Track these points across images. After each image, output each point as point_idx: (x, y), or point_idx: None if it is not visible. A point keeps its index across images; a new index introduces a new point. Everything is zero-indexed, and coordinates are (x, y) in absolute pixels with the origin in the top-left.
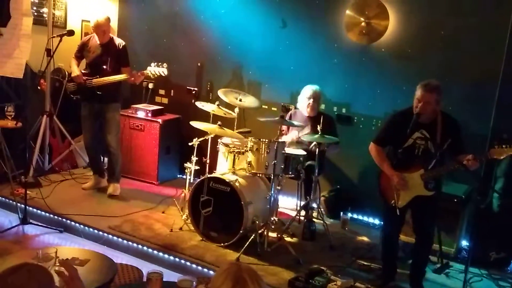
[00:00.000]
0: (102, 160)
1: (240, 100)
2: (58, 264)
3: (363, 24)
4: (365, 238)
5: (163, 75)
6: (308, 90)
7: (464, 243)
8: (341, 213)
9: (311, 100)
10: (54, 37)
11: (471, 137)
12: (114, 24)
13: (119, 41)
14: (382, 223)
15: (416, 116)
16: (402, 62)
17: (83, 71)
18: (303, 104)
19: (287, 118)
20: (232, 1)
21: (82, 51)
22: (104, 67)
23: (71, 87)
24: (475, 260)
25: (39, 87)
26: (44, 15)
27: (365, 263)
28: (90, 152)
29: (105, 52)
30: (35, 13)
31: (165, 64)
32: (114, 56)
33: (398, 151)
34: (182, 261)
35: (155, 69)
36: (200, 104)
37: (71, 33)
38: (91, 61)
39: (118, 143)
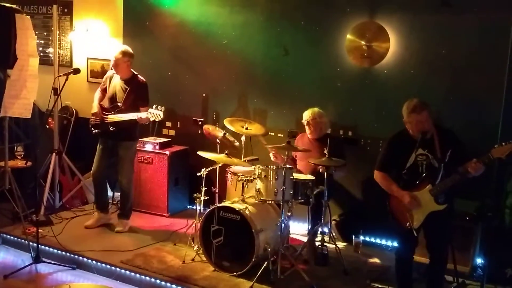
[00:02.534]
0: (107, 195)
1: (246, 128)
2: None
3: (364, 47)
4: (378, 261)
5: (159, 118)
6: (305, 113)
7: (479, 260)
8: (353, 236)
9: (311, 122)
10: (60, 76)
11: (478, 155)
12: None
13: (140, 79)
14: (395, 244)
15: (422, 136)
16: (405, 83)
17: (103, 106)
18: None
19: (295, 142)
20: (233, 32)
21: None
22: (119, 104)
23: (93, 121)
24: (491, 277)
25: (47, 126)
26: (50, 55)
27: (380, 286)
28: (96, 184)
29: (123, 89)
30: (41, 54)
31: (163, 107)
32: (132, 93)
33: (403, 172)
34: None
35: (154, 112)
36: None
37: (76, 71)
38: (110, 96)
39: (130, 180)
